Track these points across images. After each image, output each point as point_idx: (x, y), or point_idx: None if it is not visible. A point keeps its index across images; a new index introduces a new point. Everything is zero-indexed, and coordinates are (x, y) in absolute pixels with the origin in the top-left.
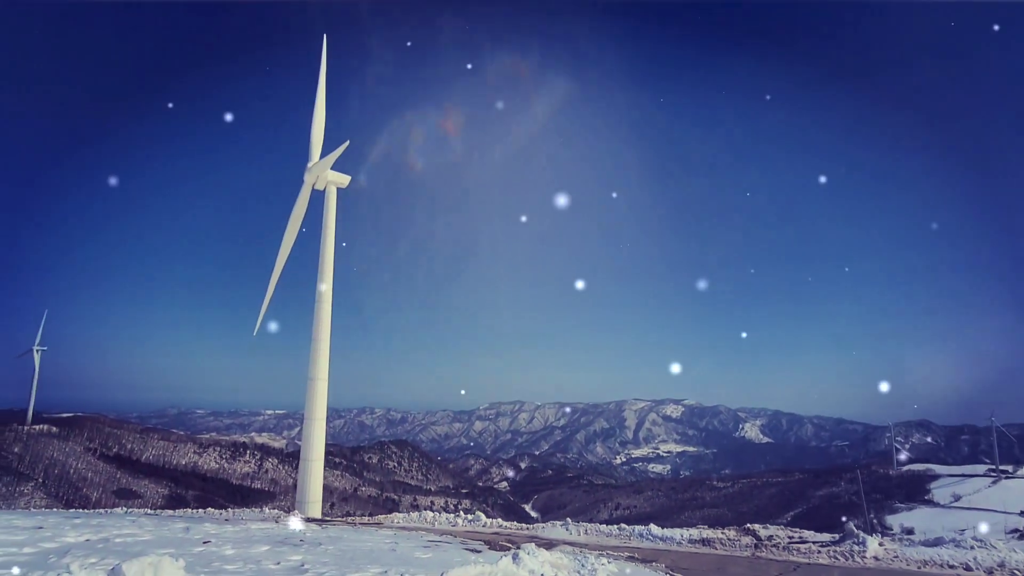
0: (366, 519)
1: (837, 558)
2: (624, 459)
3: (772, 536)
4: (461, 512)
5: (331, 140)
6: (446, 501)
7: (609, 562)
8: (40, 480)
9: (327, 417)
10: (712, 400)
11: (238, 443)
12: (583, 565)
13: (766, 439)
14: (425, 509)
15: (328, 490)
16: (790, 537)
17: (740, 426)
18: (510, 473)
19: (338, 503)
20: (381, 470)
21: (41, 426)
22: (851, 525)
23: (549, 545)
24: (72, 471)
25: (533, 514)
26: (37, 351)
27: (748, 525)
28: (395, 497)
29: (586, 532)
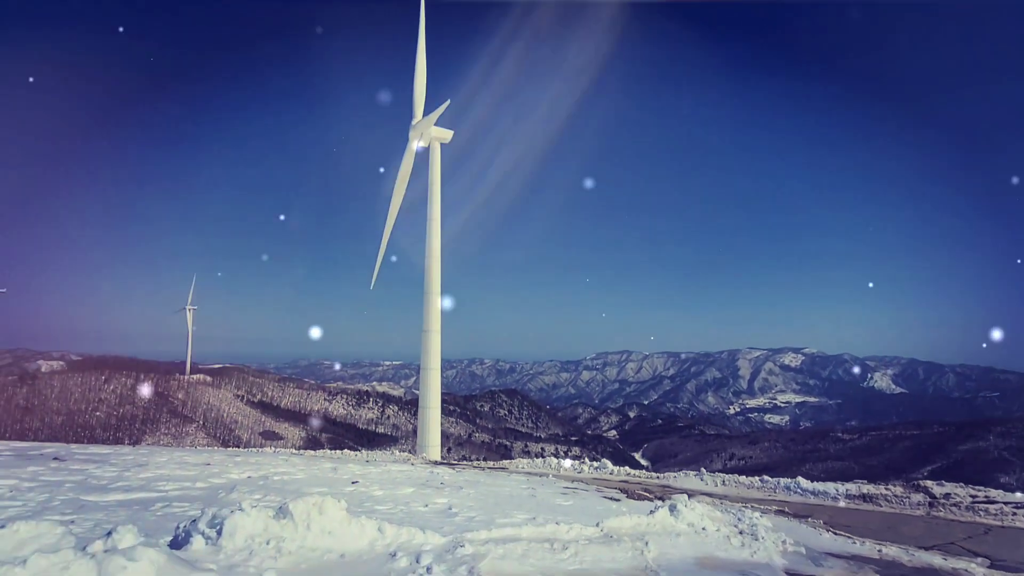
0: (491, 464)
1: None
2: (738, 409)
3: (949, 494)
4: (587, 459)
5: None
6: (556, 448)
7: (762, 516)
8: (200, 422)
9: (440, 367)
10: (835, 348)
11: (362, 392)
12: (739, 520)
13: (899, 389)
14: (536, 456)
15: (445, 435)
16: (973, 496)
17: (868, 375)
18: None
19: (454, 448)
20: (492, 417)
21: (197, 375)
22: None
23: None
24: (225, 415)
25: (643, 462)
26: (189, 310)
27: (918, 481)
28: (507, 443)
29: (723, 483)
